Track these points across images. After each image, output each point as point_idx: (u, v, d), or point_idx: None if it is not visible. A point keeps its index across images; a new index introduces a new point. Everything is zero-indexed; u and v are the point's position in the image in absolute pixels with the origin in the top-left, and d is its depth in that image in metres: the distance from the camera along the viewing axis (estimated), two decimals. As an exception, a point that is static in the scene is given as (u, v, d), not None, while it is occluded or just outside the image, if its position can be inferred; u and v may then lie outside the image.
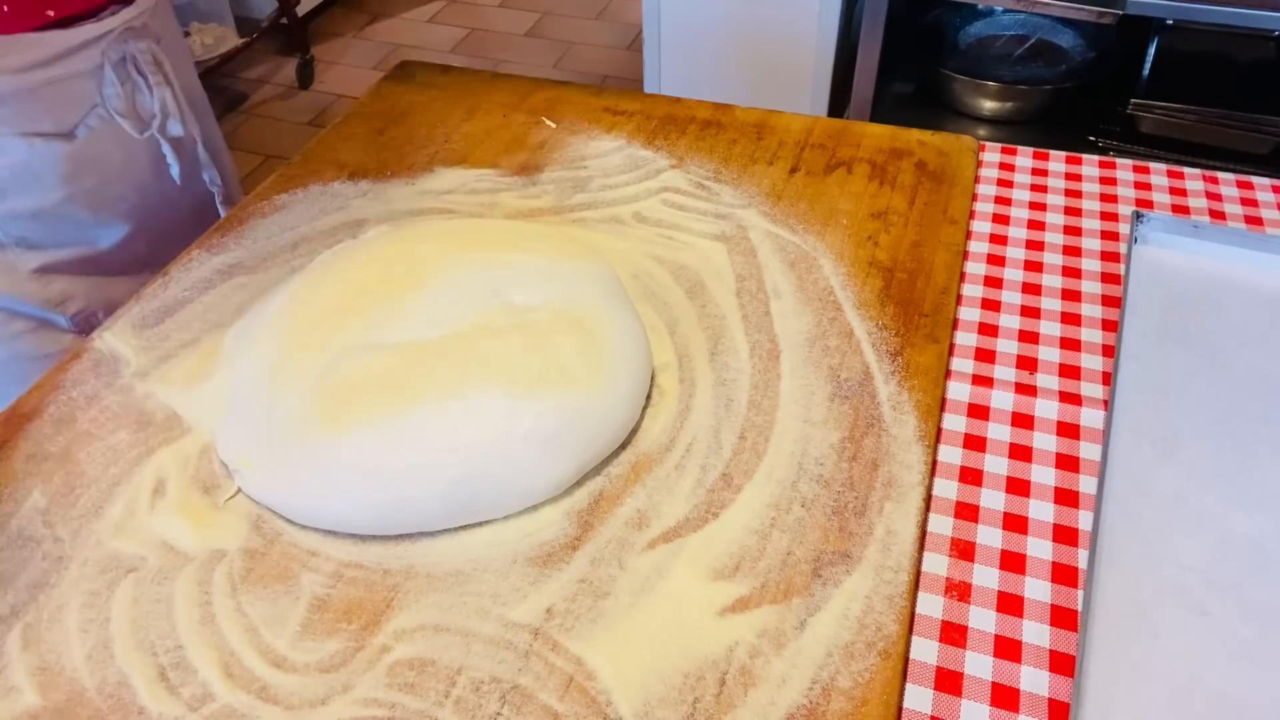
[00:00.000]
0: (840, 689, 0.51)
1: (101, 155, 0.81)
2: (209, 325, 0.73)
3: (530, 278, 0.69)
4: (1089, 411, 0.67)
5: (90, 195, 0.81)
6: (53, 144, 0.77)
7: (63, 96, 0.77)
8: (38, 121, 0.76)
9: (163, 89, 0.83)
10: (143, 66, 0.81)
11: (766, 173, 0.88)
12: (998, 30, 1.68)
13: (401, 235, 0.77)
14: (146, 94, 0.82)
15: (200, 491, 0.62)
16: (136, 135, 0.83)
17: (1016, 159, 0.92)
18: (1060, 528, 0.60)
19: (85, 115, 0.79)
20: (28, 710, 0.51)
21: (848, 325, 0.72)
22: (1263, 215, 0.84)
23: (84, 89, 0.78)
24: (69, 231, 0.81)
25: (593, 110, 0.98)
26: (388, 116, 0.97)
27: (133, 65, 0.81)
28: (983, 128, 1.60)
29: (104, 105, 0.79)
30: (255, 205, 0.85)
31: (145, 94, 0.82)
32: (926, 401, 0.66)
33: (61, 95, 0.77)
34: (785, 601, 0.55)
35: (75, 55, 0.77)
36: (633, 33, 2.93)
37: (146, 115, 0.83)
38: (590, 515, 0.60)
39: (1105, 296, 0.76)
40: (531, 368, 0.63)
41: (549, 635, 0.54)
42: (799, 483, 0.61)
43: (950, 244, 0.80)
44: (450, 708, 0.51)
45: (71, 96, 0.78)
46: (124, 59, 0.80)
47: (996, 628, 0.55)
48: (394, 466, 0.58)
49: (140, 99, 0.82)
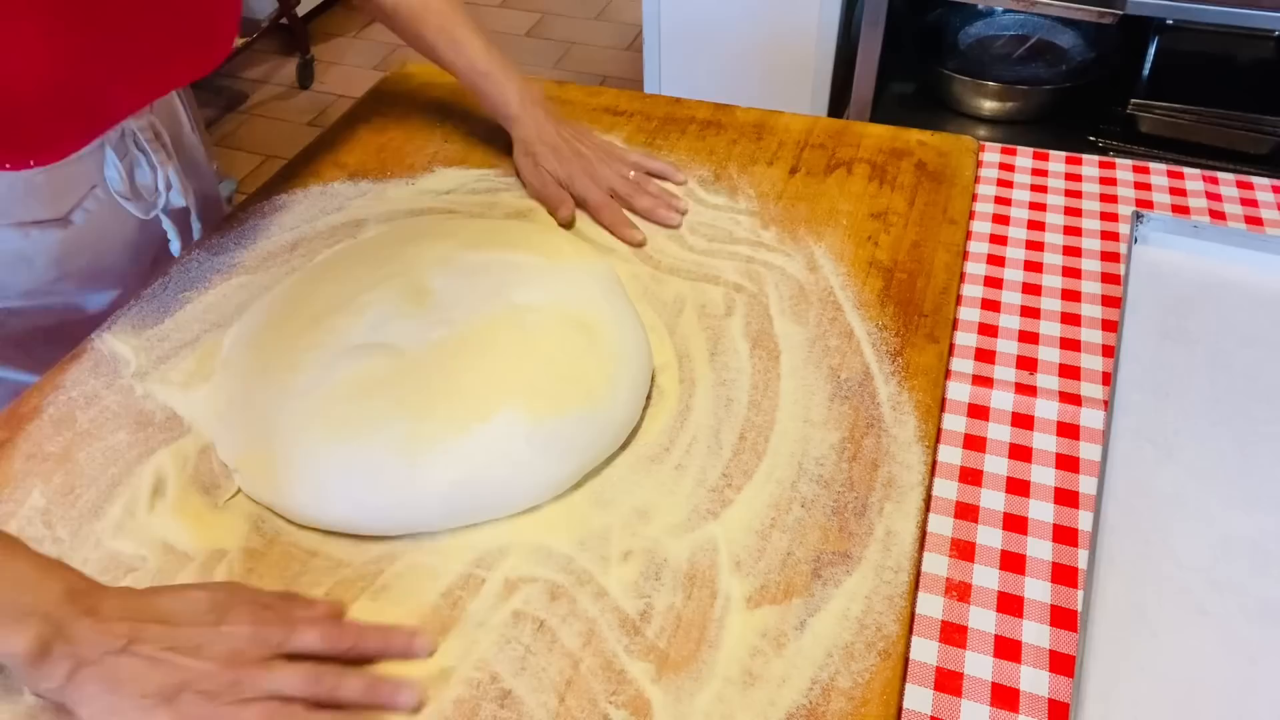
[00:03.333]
0: (840, 689, 0.51)
1: (98, 235, 0.77)
2: (209, 325, 0.73)
3: (530, 278, 0.69)
4: (1089, 411, 0.67)
5: (84, 272, 0.77)
6: (48, 230, 0.73)
7: (60, 182, 0.72)
8: (32, 210, 0.71)
9: (165, 166, 0.79)
10: (143, 143, 0.77)
11: (766, 173, 0.88)
12: (998, 30, 1.68)
13: (401, 235, 0.77)
14: (146, 169, 0.78)
15: (200, 491, 0.62)
16: (141, 216, 0.78)
17: (1016, 159, 0.92)
18: (1060, 528, 0.60)
19: (83, 199, 0.74)
20: (28, 710, 0.51)
21: (848, 325, 0.72)
22: (1263, 215, 0.84)
23: (83, 172, 0.74)
24: (57, 303, 0.77)
25: (593, 110, 0.98)
26: (388, 116, 0.97)
27: (132, 142, 0.76)
28: (983, 128, 1.60)
29: (103, 187, 0.75)
30: (255, 205, 0.85)
31: (144, 169, 0.78)
32: (926, 401, 0.66)
33: (59, 181, 0.72)
34: (785, 601, 0.55)
35: None
36: (633, 33, 2.93)
37: (146, 191, 0.78)
38: (591, 516, 0.60)
39: (1105, 296, 0.76)
40: (532, 369, 0.63)
41: (551, 630, 0.54)
42: (799, 483, 0.61)
43: (950, 244, 0.80)
44: (450, 707, 0.51)
45: (69, 181, 0.73)
46: (123, 135, 0.75)
47: (996, 628, 0.55)
48: (394, 467, 0.58)
49: (139, 174, 0.77)
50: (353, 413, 0.60)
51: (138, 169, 0.78)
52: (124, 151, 0.76)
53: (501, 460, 0.59)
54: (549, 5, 3.12)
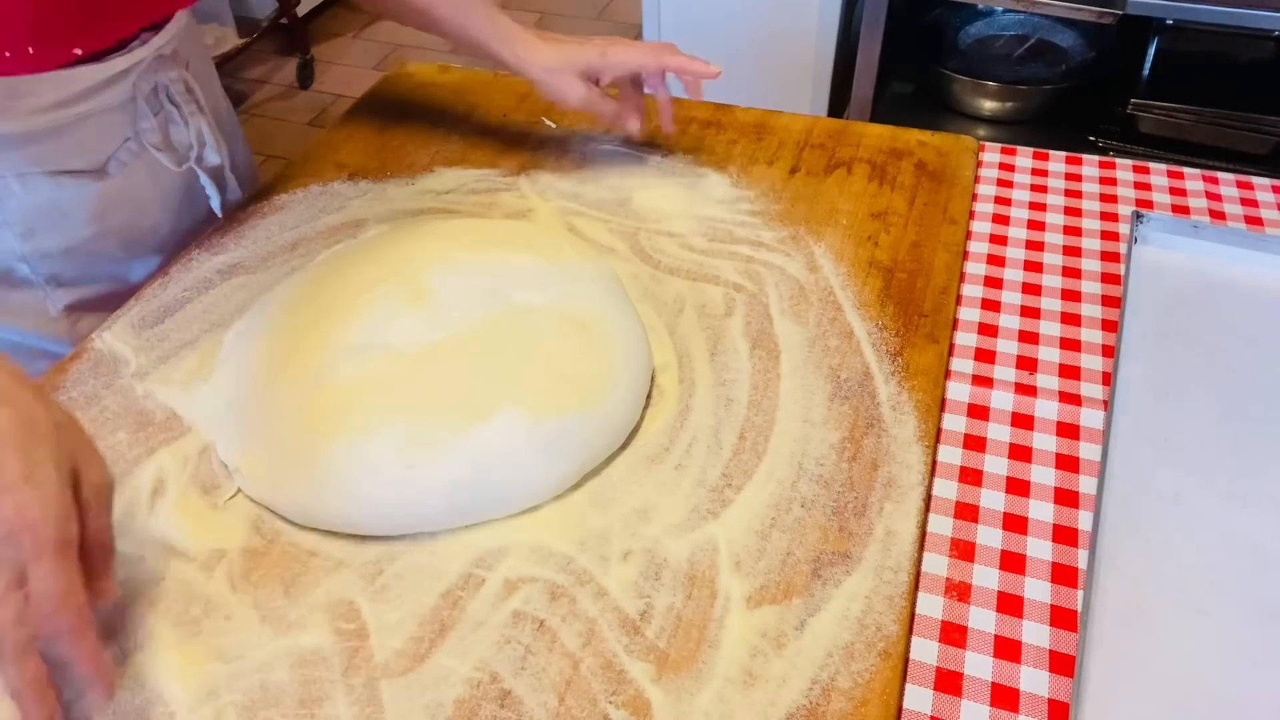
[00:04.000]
0: (840, 689, 0.51)
1: (134, 189, 0.77)
2: (209, 325, 0.73)
3: (530, 278, 0.69)
4: (1089, 411, 0.67)
5: (122, 230, 0.78)
6: (82, 181, 0.74)
7: (93, 132, 0.73)
8: (67, 160, 0.73)
9: (198, 119, 0.80)
10: (175, 96, 0.78)
11: (766, 173, 0.88)
12: (998, 30, 1.68)
13: (401, 235, 0.77)
14: (180, 124, 0.79)
15: (200, 491, 0.62)
16: (174, 168, 0.79)
17: (1016, 159, 0.92)
18: (1060, 528, 0.60)
19: (116, 150, 0.75)
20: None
21: (848, 325, 0.72)
22: (1263, 215, 0.84)
23: (115, 123, 0.75)
24: (101, 267, 0.77)
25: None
26: (388, 116, 0.97)
27: (165, 95, 0.77)
28: (983, 128, 1.60)
29: (136, 139, 0.76)
30: (255, 205, 0.85)
31: (179, 124, 0.78)
32: (926, 401, 0.66)
33: (92, 131, 0.73)
34: (785, 601, 0.55)
35: (105, 90, 0.73)
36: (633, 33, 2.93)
37: (181, 146, 0.79)
38: (591, 516, 0.60)
39: (1105, 296, 0.76)
40: (531, 369, 0.63)
41: (551, 630, 0.54)
42: (799, 483, 0.61)
43: (950, 244, 0.80)
44: (450, 707, 0.51)
45: (102, 132, 0.74)
46: (155, 89, 0.76)
47: (996, 628, 0.55)
48: (394, 468, 0.58)
49: (173, 130, 0.78)
50: (353, 413, 0.60)
51: (172, 125, 0.79)
52: (157, 106, 0.77)
53: (501, 460, 0.59)
54: (549, 5, 3.12)
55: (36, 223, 0.73)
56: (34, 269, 0.75)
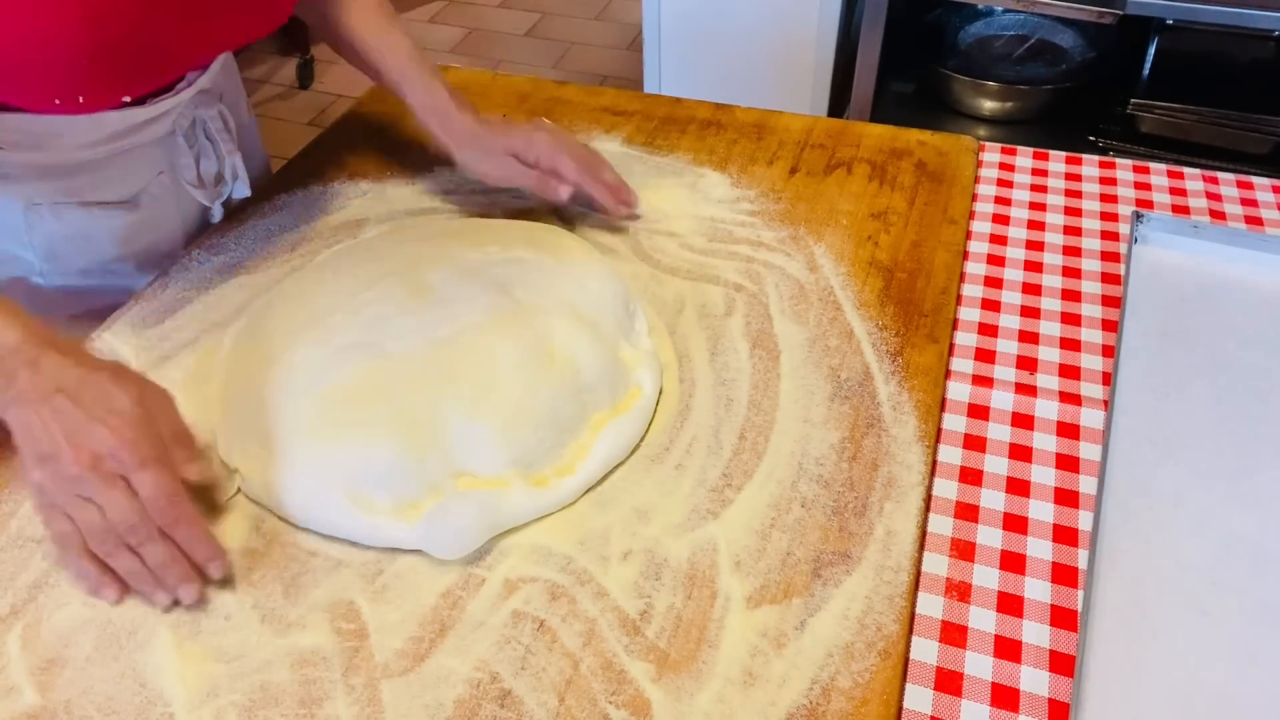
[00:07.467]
0: (840, 689, 0.51)
1: (159, 218, 0.79)
2: (209, 325, 0.73)
3: (530, 277, 0.69)
4: (1089, 411, 0.67)
5: (142, 254, 0.79)
6: (113, 212, 0.75)
7: (130, 167, 0.75)
8: (101, 191, 0.74)
9: (233, 156, 0.81)
10: (212, 133, 0.79)
11: (766, 173, 0.88)
12: (998, 30, 1.68)
13: (401, 235, 0.77)
14: (213, 159, 0.80)
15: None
16: (208, 204, 0.81)
17: (1016, 159, 0.92)
18: (1060, 528, 0.60)
19: (149, 183, 0.77)
20: (28, 710, 0.51)
21: (848, 325, 0.72)
22: (1263, 215, 0.84)
23: (152, 158, 0.76)
24: (113, 284, 0.78)
25: (592, 110, 0.98)
26: (388, 116, 0.97)
27: (202, 131, 0.78)
28: (983, 128, 1.60)
29: (170, 173, 0.77)
30: (255, 205, 0.85)
31: (210, 159, 0.80)
32: (926, 401, 0.66)
33: (129, 166, 0.74)
34: (785, 601, 0.55)
35: (146, 128, 0.74)
36: (633, 33, 2.93)
37: (209, 178, 0.80)
38: (591, 516, 0.60)
39: (1105, 296, 0.76)
40: (532, 370, 0.63)
41: (551, 630, 0.54)
42: (799, 483, 0.61)
43: (950, 244, 0.80)
44: (451, 707, 0.51)
45: (139, 166, 0.75)
46: (193, 124, 0.77)
47: (996, 628, 0.55)
48: (394, 469, 0.58)
49: (204, 164, 0.79)
50: (353, 415, 0.60)
51: (204, 159, 0.80)
52: (193, 140, 0.78)
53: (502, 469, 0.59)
54: (549, 5, 3.12)
55: (61, 246, 0.74)
56: (48, 280, 0.75)
